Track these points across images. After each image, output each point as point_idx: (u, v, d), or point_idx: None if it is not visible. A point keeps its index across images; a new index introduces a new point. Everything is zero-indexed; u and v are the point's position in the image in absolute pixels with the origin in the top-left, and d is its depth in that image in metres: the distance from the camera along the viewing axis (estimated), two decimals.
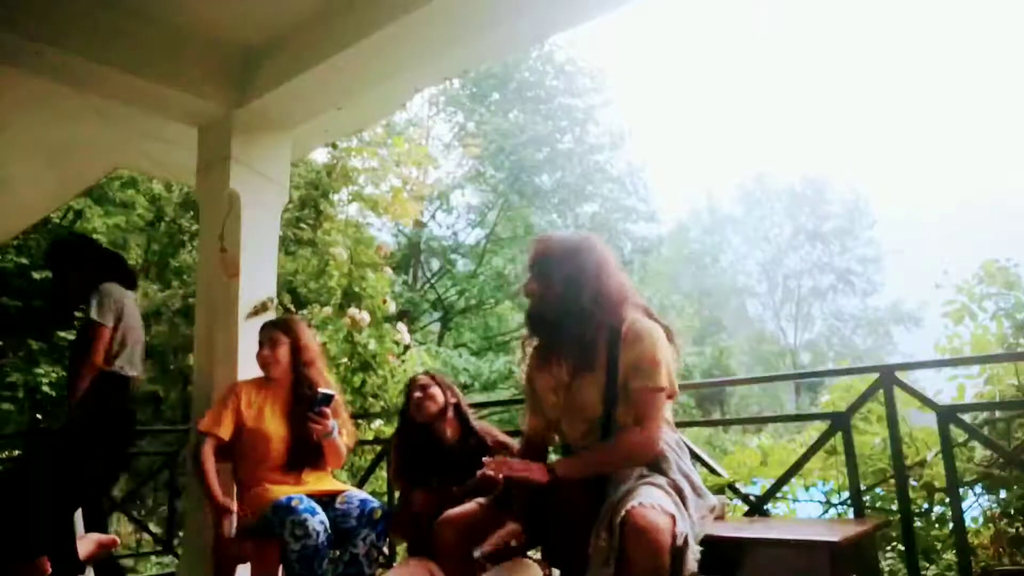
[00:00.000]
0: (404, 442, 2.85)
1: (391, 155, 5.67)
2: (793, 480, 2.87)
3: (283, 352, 2.82)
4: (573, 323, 2.01)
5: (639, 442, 1.93)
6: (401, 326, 5.02)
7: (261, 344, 2.85)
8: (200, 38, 3.39)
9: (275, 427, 2.75)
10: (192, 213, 10.14)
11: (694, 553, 1.77)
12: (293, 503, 2.44)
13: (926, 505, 2.80)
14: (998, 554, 2.68)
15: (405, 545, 2.90)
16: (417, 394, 2.75)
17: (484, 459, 1.99)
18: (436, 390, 2.75)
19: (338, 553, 2.55)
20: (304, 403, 2.74)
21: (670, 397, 2.03)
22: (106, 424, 2.93)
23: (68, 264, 3.16)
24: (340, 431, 2.78)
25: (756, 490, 2.92)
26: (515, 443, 2.65)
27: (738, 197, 32.85)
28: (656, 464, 1.96)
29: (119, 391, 3.00)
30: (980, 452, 2.83)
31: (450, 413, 2.74)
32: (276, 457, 2.71)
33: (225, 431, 2.70)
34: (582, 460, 1.98)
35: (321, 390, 2.71)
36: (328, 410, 2.69)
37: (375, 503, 2.61)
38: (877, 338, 29.47)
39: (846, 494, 2.84)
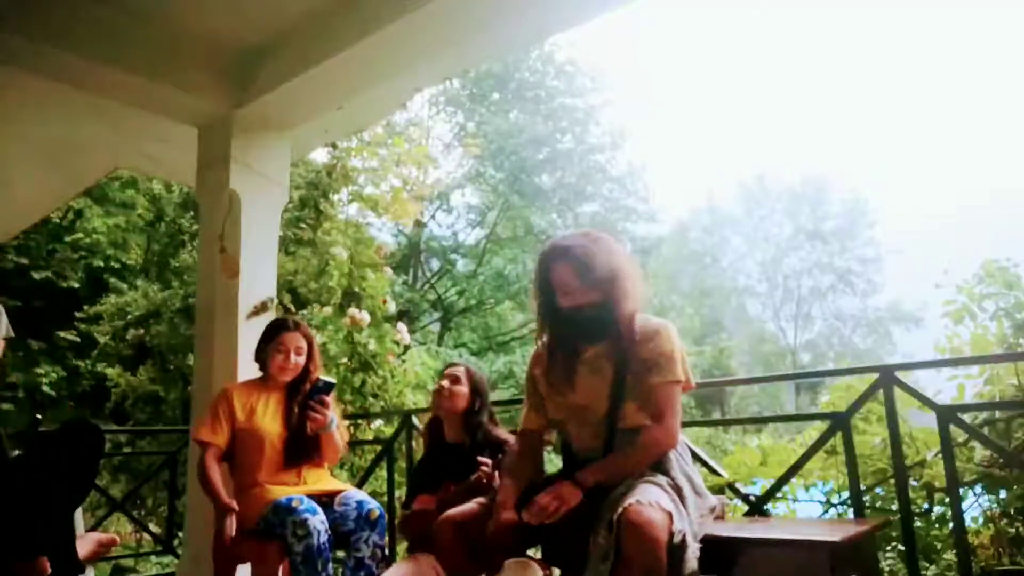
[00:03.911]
0: (428, 436, 2.76)
1: (391, 155, 5.66)
2: (793, 480, 2.86)
3: (302, 360, 2.79)
4: (600, 320, 2.00)
5: (659, 438, 1.95)
6: (401, 326, 5.01)
7: (283, 350, 2.75)
8: (200, 38, 3.39)
9: (269, 425, 2.71)
10: (192, 213, 10.14)
11: (693, 552, 1.77)
12: (293, 503, 2.44)
13: (926, 505, 2.80)
14: (998, 554, 2.68)
15: (406, 544, 2.90)
16: (444, 383, 2.59)
17: (479, 459, 1.96)
18: (462, 388, 2.58)
19: (343, 557, 2.54)
20: (299, 395, 2.72)
21: (685, 389, 2.04)
22: None
23: None
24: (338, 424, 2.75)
25: (756, 490, 2.91)
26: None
27: (738, 197, 32.86)
28: (657, 463, 1.96)
29: None
30: (980, 452, 2.82)
31: (462, 415, 2.60)
32: (272, 455, 2.68)
33: (222, 439, 2.67)
34: (606, 467, 1.94)
35: (322, 377, 2.68)
36: (328, 399, 2.66)
37: (372, 504, 2.59)
38: (877, 338, 29.46)
39: (846, 494, 2.83)
